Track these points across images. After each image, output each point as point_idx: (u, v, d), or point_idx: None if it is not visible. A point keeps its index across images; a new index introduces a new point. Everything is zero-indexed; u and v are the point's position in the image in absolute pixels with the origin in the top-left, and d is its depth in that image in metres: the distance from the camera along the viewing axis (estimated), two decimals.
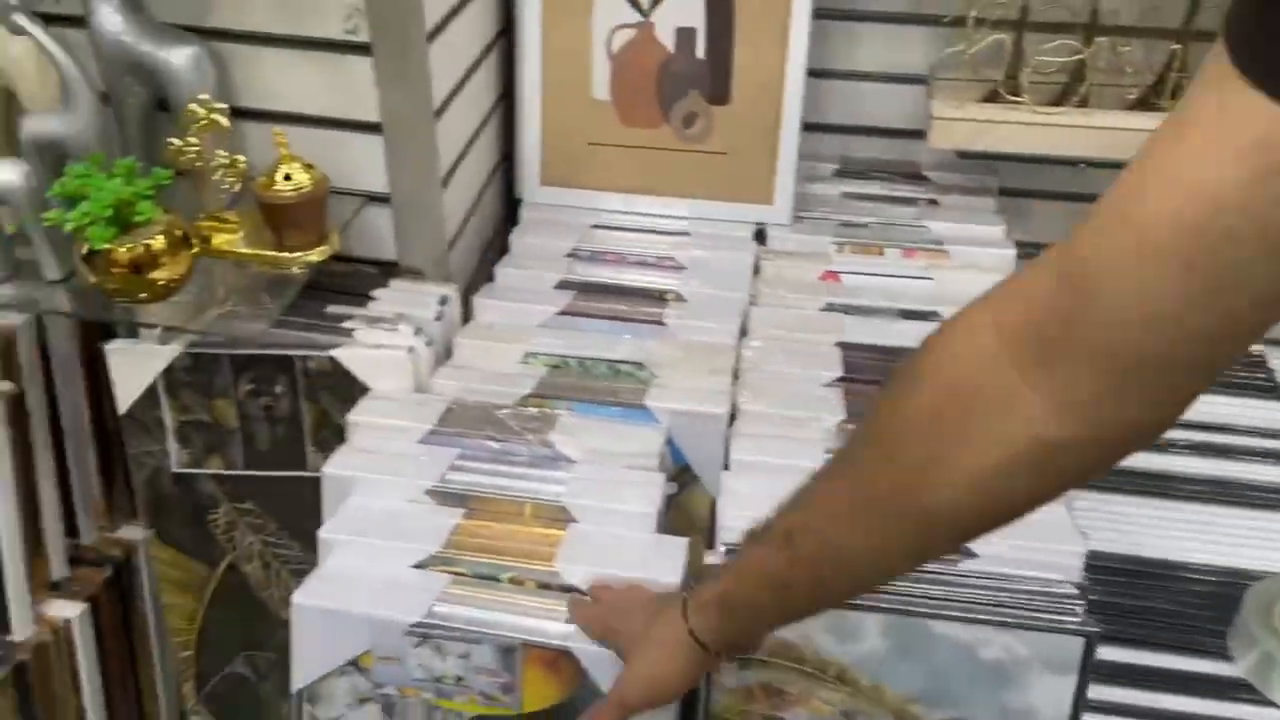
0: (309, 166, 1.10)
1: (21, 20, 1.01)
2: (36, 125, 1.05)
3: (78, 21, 1.10)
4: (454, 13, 1.23)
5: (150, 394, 1.14)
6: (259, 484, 1.17)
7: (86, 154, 1.04)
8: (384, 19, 1.11)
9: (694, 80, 1.39)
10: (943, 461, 0.53)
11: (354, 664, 0.76)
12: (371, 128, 1.17)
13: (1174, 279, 0.44)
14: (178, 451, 1.17)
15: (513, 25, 1.41)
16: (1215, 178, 0.42)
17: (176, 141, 1.09)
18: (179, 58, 1.10)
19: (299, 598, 0.79)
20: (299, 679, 0.76)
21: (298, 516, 1.14)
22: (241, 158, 1.10)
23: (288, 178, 1.09)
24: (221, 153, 1.09)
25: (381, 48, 1.12)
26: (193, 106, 1.07)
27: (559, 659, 0.76)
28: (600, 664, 0.75)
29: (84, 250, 1.01)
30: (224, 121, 1.08)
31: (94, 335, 1.22)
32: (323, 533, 0.91)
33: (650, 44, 1.39)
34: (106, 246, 0.99)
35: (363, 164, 1.19)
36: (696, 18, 1.37)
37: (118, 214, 0.98)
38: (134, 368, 1.14)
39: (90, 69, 1.06)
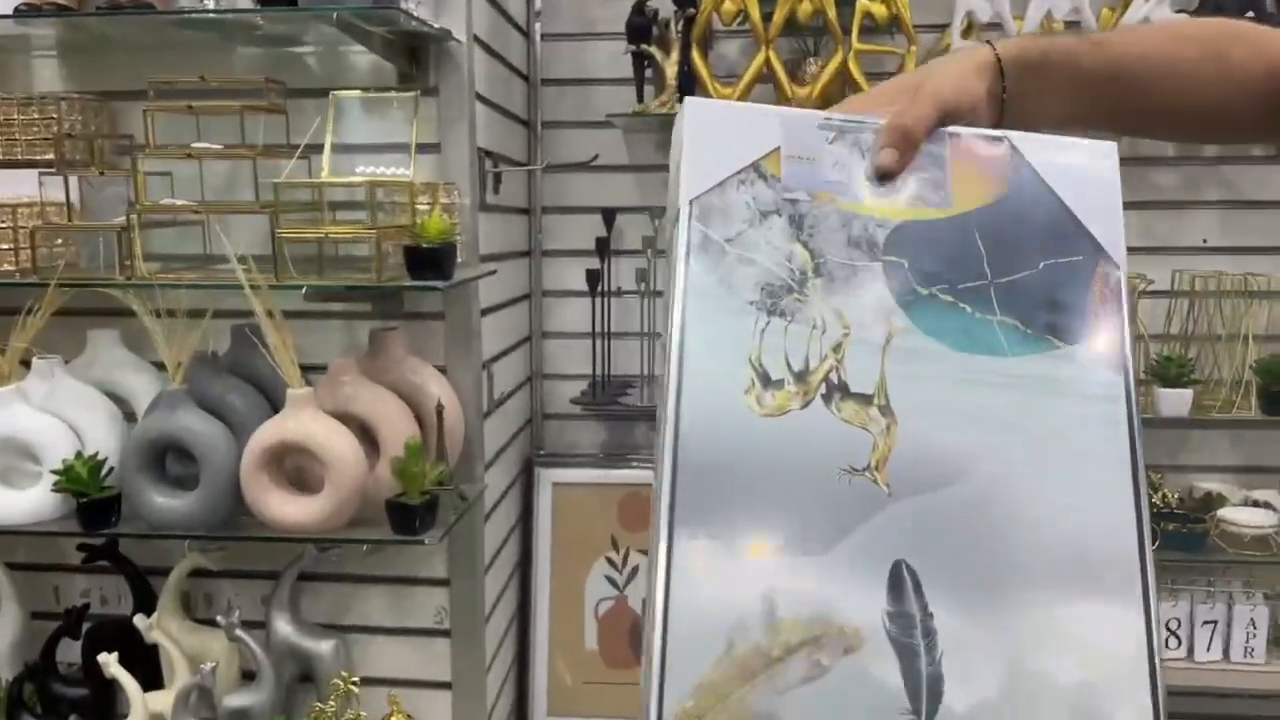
0: (410, 717, 1.63)
1: (239, 633, 1.57)
2: (233, 700, 1.58)
3: (258, 624, 1.67)
4: (495, 605, 1.84)
5: None
6: None
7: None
8: (460, 613, 1.71)
9: None
10: None
11: (757, 169, 0.61)
12: (444, 685, 1.72)
13: None
14: None
15: (529, 591, 2.03)
16: None
17: (320, 705, 1.61)
18: (325, 648, 1.66)
19: (690, 99, 0.66)
20: (688, 190, 0.60)
21: None
22: (364, 714, 1.63)
23: None
24: (350, 713, 1.62)
25: (458, 633, 1.71)
26: (336, 681, 1.61)
27: (988, 155, 0.64)
28: (1033, 145, 0.64)
29: None
30: (356, 690, 1.61)
31: None
32: None
33: (624, 610, 2.01)
34: None
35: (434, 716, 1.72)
36: None
37: None
38: None
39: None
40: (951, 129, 0.65)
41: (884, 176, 0.63)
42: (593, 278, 2.05)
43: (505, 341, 1.95)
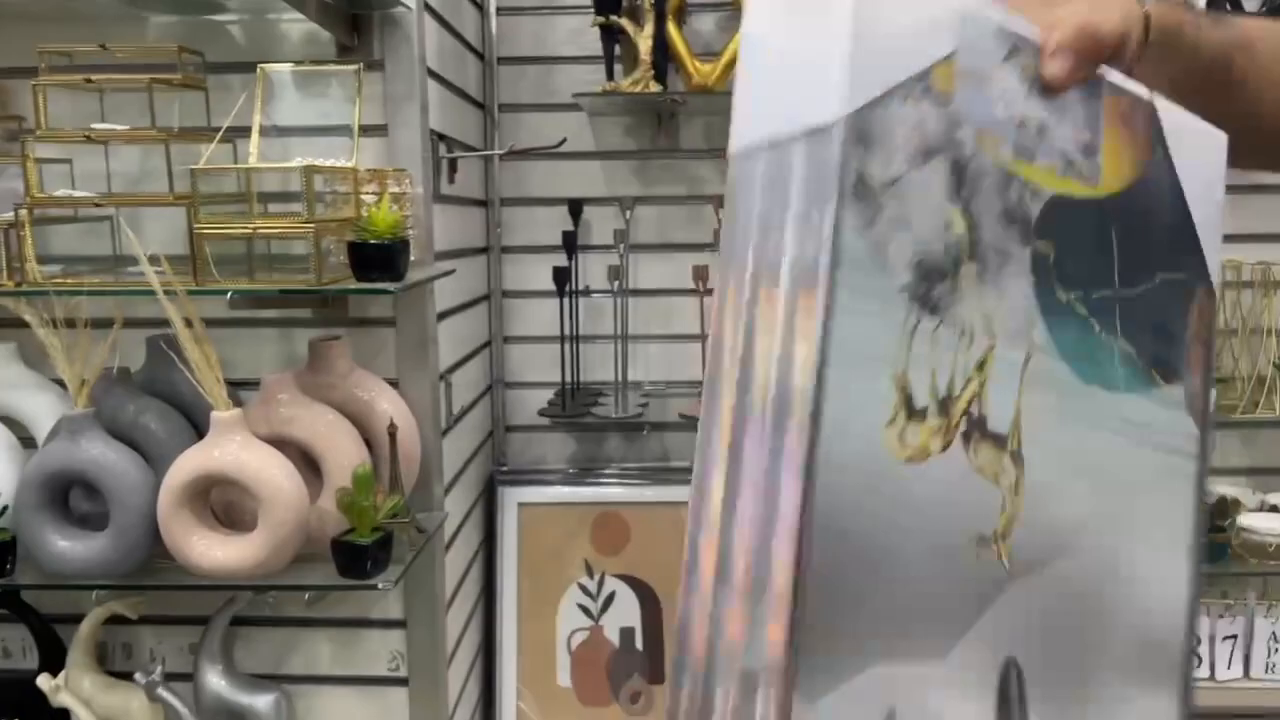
0: None
1: (162, 692, 1.36)
2: None
3: (185, 677, 1.45)
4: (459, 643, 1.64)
5: None
6: None
7: None
8: (419, 657, 1.51)
9: (636, 667, 1.81)
10: None
11: (926, 82, 0.40)
12: None
13: None
14: None
15: (494, 625, 1.83)
16: None
17: None
18: (262, 703, 1.45)
19: None
20: (849, 94, 0.38)
21: None
22: None
23: None
24: None
25: (416, 680, 1.51)
26: None
27: (1137, 120, 0.48)
28: (1169, 116, 0.50)
29: None
30: None
31: None
32: None
33: (600, 641, 1.82)
34: None
35: None
36: (634, 618, 1.82)
37: None
38: None
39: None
40: (1108, 73, 0.48)
41: (1049, 90, 0.45)
42: (559, 276, 1.86)
43: (463, 348, 1.75)
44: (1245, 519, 1.81)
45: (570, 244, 1.87)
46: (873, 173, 0.38)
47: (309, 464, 1.32)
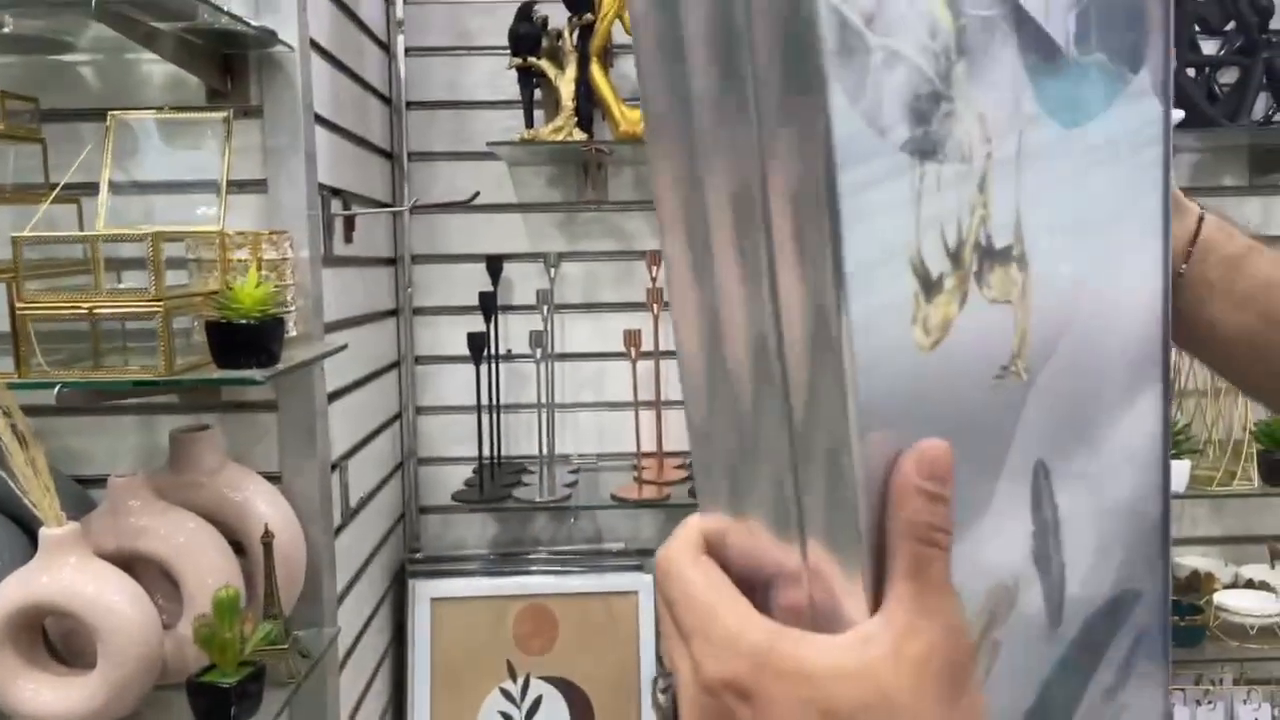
0: None
1: None
2: None
3: None
4: None
5: None
6: None
7: None
8: None
9: None
10: None
11: None
12: None
13: None
14: None
15: None
16: None
17: None
18: None
19: None
20: None
21: None
22: None
23: None
24: None
25: None
26: None
27: None
28: None
29: None
30: None
31: None
32: None
33: None
34: None
35: None
36: None
37: None
38: None
39: None
40: None
41: None
42: (476, 341, 1.68)
43: (368, 424, 1.56)
44: (1221, 597, 1.68)
45: (489, 305, 1.69)
46: (850, 13, 0.30)
47: (171, 582, 1.12)
